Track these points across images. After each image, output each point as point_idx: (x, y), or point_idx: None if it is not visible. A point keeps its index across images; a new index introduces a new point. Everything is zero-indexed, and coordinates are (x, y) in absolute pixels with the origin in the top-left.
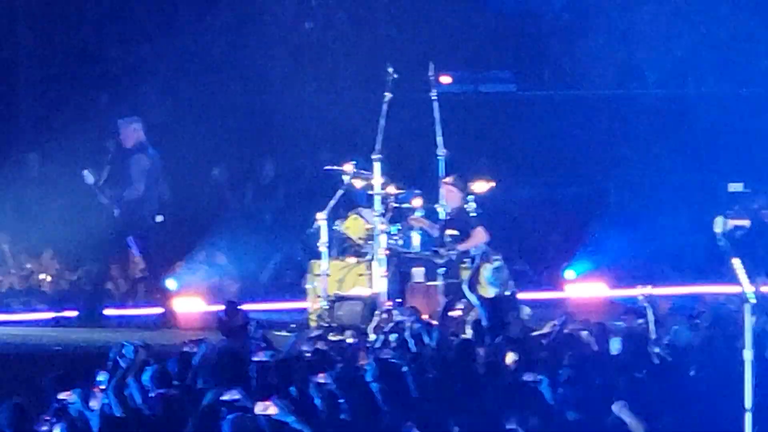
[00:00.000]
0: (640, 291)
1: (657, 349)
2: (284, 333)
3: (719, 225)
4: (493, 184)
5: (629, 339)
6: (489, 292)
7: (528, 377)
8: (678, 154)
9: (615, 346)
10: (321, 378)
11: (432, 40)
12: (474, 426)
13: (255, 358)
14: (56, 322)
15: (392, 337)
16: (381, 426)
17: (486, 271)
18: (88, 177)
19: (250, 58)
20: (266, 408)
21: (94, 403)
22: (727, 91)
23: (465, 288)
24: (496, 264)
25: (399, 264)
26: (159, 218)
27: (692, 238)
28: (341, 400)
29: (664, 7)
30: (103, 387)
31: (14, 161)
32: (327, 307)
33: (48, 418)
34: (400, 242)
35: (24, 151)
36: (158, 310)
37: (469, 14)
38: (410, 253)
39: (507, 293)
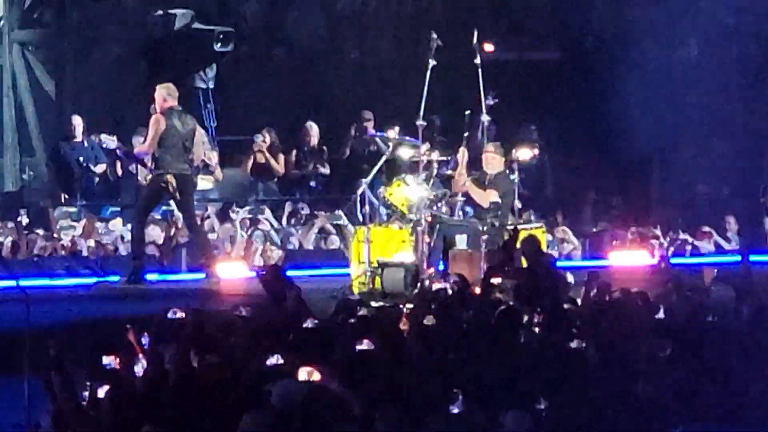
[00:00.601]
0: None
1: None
2: (327, 299)
3: None
4: (536, 151)
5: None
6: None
7: (573, 345)
8: (723, 121)
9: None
10: (364, 344)
11: (476, 8)
12: (515, 393)
13: (299, 325)
14: (98, 287)
15: (434, 304)
16: (424, 393)
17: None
18: (108, 141)
19: (295, 24)
20: (310, 374)
21: (138, 368)
22: None
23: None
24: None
25: (442, 231)
26: (203, 184)
27: (736, 205)
28: (384, 367)
29: None
30: (146, 352)
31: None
32: (370, 273)
33: (91, 383)
34: (444, 209)
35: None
36: (201, 276)
37: None
38: (453, 219)
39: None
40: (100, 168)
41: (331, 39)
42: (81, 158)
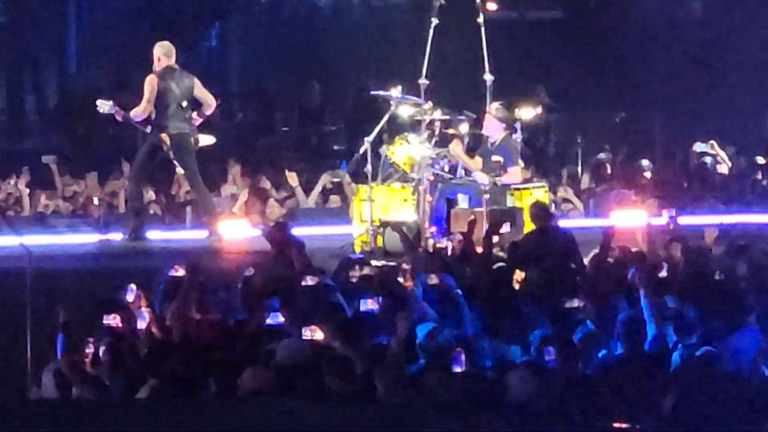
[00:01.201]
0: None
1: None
2: (329, 258)
3: None
4: (539, 110)
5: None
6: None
7: (572, 303)
8: (722, 84)
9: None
10: (368, 303)
11: None
12: (516, 350)
13: (301, 283)
14: (101, 245)
15: (436, 262)
16: (428, 350)
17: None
18: (103, 106)
19: None
20: (313, 333)
21: (142, 324)
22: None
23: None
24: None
25: (444, 190)
26: (204, 140)
27: (734, 168)
28: (387, 325)
29: None
30: (148, 309)
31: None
32: (372, 232)
33: (93, 339)
34: (446, 168)
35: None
36: (203, 233)
37: None
38: (455, 178)
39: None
40: None
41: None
42: None
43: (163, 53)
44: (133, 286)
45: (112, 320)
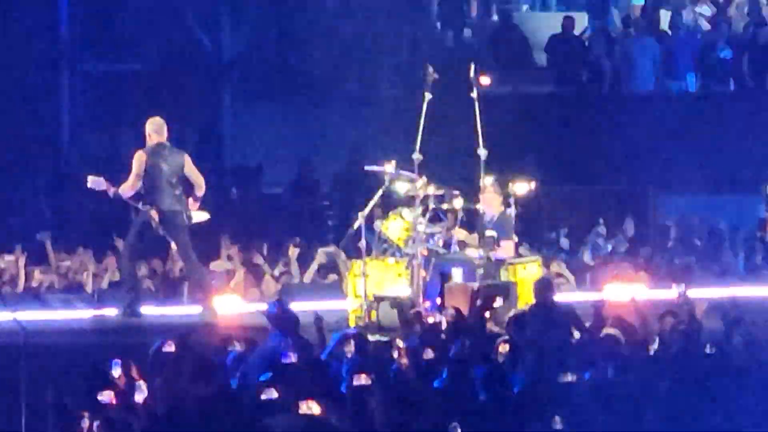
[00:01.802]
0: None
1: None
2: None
3: None
4: (533, 184)
5: (666, 341)
6: None
7: (567, 378)
8: (717, 152)
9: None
10: (363, 378)
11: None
12: (516, 426)
13: (291, 359)
14: (95, 321)
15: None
16: (425, 425)
17: None
18: (94, 182)
19: (295, 57)
20: (310, 407)
21: (139, 397)
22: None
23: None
24: None
25: (438, 264)
26: (198, 217)
27: (732, 237)
28: (382, 400)
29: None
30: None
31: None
32: (366, 307)
33: (87, 415)
34: (440, 242)
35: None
36: (197, 309)
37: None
38: (449, 253)
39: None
40: None
41: (331, 72)
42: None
43: (154, 130)
44: (117, 360)
45: (107, 397)
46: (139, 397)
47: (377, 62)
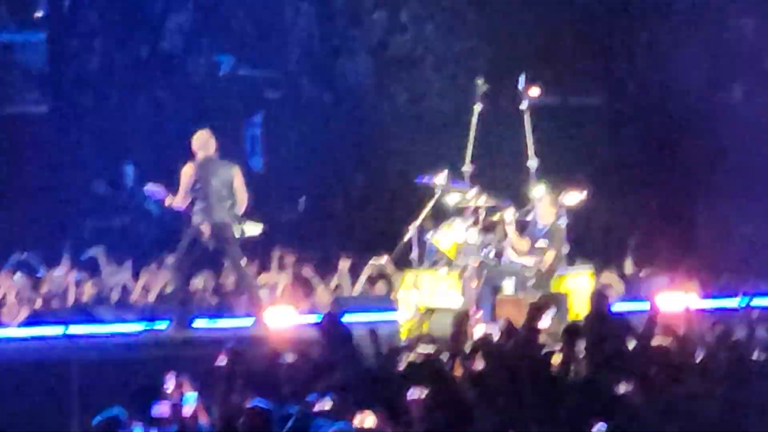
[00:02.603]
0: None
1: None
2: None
3: None
4: (584, 195)
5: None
6: None
7: (621, 389)
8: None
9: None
10: (415, 392)
11: (522, 52)
12: None
13: (348, 370)
14: (147, 334)
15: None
16: None
17: None
18: (153, 191)
19: (342, 68)
20: (364, 420)
21: (187, 410)
22: None
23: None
24: None
25: (489, 276)
26: (251, 230)
27: None
28: (436, 413)
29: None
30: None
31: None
32: (418, 318)
33: (139, 426)
34: (492, 254)
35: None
36: (249, 322)
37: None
38: (501, 265)
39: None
40: None
41: (379, 84)
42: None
43: (200, 145)
44: (172, 374)
45: (160, 411)
46: (188, 409)
47: (426, 75)
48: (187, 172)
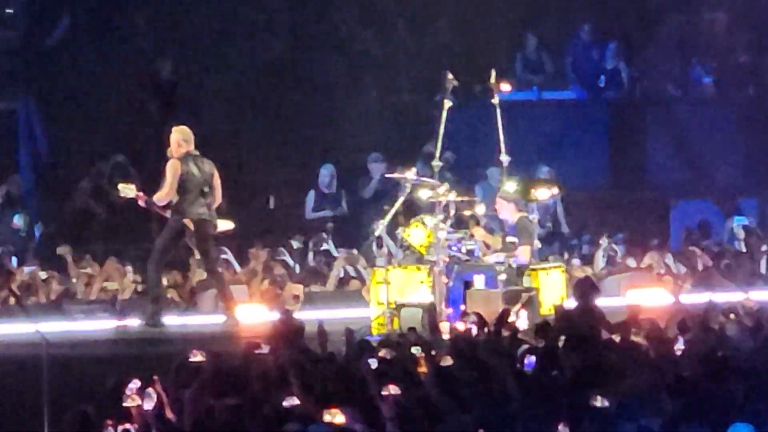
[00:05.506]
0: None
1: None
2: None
3: None
4: (555, 190)
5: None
6: None
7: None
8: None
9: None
10: (388, 388)
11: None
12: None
13: (316, 366)
14: (118, 331)
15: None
16: None
17: None
18: (125, 190)
19: (310, 65)
20: (334, 416)
21: (148, 405)
22: None
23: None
24: None
25: (460, 271)
26: (223, 226)
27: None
28: (406, 409)
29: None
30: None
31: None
32: (388, 314)
33: (111, 423)
34: (463, 249)
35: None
36: (220, 319)
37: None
38: (471, 260)
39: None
40: None
41: (349, 80)
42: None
43: (183, 138)
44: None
45: (131, 401)
46: (149, 405)
47: (397, 70)
48: (175, 166)
